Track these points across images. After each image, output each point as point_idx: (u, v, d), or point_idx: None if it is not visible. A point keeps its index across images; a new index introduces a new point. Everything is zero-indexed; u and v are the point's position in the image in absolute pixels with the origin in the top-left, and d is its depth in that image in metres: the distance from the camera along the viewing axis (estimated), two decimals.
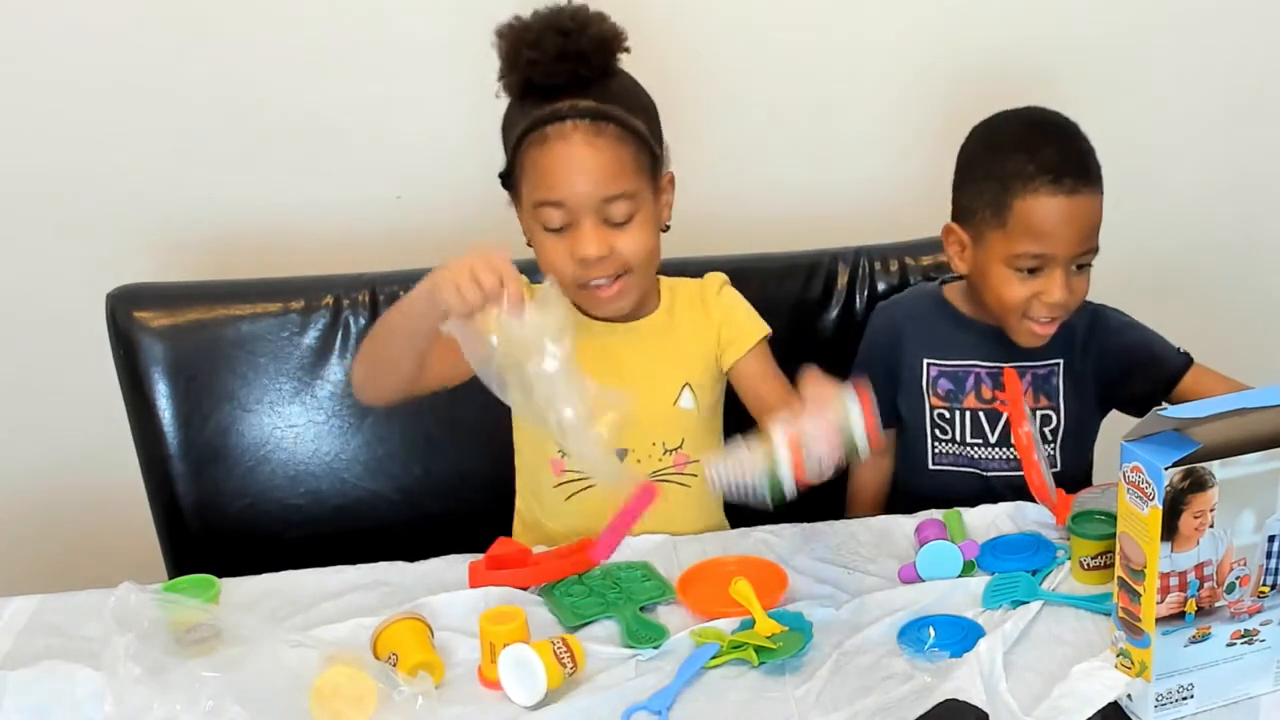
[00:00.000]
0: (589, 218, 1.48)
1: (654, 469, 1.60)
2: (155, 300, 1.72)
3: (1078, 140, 1.60)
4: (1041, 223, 1.54)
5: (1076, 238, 1.55)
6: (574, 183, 1.46)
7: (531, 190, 1.49)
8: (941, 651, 1.25)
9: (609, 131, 1.47)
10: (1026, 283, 1.58)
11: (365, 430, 1.75)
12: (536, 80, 1.45)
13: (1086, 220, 1.56)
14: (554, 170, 1.46)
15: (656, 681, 1.23)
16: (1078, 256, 1.57)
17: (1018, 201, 1.55)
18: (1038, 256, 1.56)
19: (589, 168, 1.46)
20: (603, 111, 1.47)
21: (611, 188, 1.47)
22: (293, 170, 2.05)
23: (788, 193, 2.16)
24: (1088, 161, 1.58)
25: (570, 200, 1.47)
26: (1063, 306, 1.58)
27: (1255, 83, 2.24)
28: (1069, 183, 1.54)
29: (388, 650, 1.26)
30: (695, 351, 1.63)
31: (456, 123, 2.03)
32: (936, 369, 1.69)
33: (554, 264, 1.50)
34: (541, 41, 1.44)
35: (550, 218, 1.48)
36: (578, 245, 1.48)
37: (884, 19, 2.11)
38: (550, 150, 1.46)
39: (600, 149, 1.46)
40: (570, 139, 1.45)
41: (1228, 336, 2.37)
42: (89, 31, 1.95)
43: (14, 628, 1.37)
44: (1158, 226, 2.29)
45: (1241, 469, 1.10)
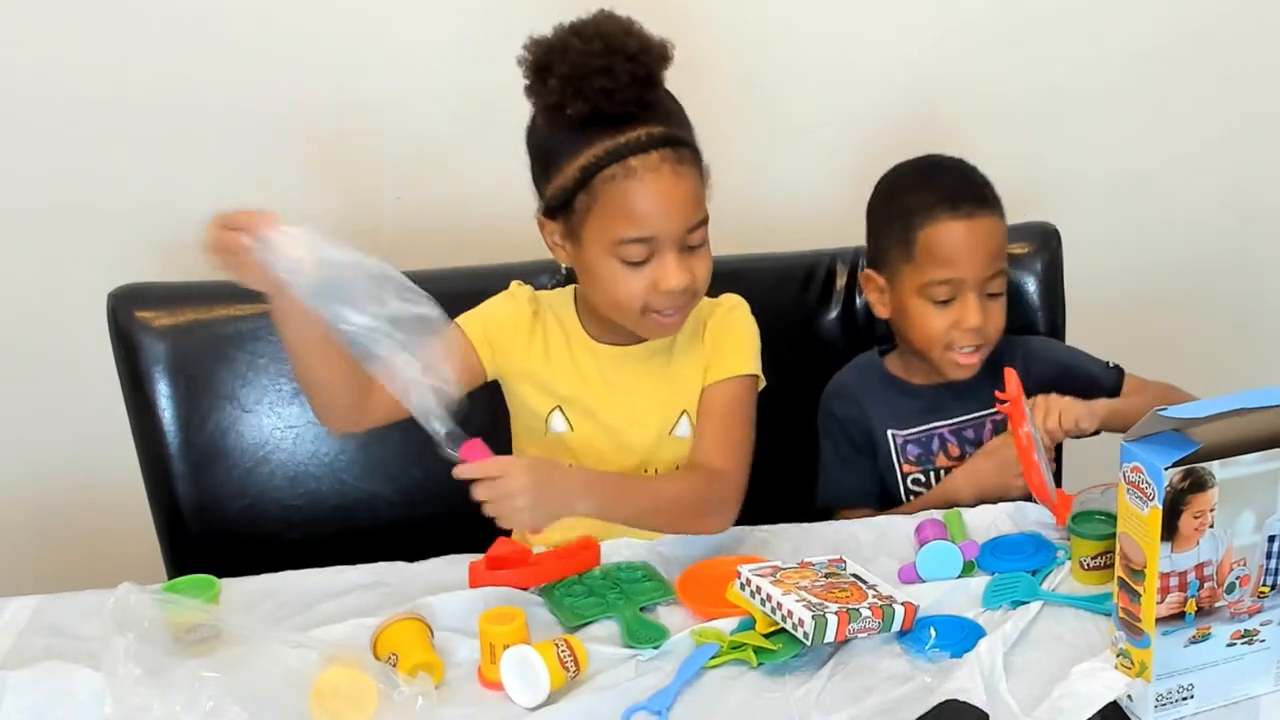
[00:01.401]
0: (673, 248, 1.44)
1: None
2: (155, 300, 1.72)
3: (972, 174, 1.66)
4: (945, 248, 1.59)
5: (982, 260, 1.60)
6: (666, 216, 1.41)
7: (611, 226, 1.42)
8: (942, 652, 1.26)
9: (687, 157, 1.43)
10: (943, 313, 1.62)
11: (365, 431, 1.75)
12: (609, 110, 1.38)
13: (989, 241, 1.61)
14: (646, 204, 1.40)
15: (656, 681, 1.23)
16: (987, 280, 1.61)
17: (920, 233, 1.60)
18: (947, 283, 1.60)
19: (680, 199, 1.42)
20: (677, 137, 1.43)
21: (695, 215, 1.44)
22: (293, 170, 2.05)
23: (788, 193, 2.16)
24: (983, 190, 1.64)
25: (661, 235, 1.42)
26: (980, 332, 1.62)
27: (1255, 97, 2.24)
28: (966, 207, 1.60)
29: (388, 650, 1.26)
30: (693, 378, 1.59)
31: (457, 123, 2.03)
32: (902, 438, 1.70)
33: (625, 295, 1.46)
34: (613, 69, 1.36)
35: (633, 253, 1.43)
36: (665, 278, 1.43)
37: (884, 19, 2.11)
38: (641, 183, 1.40)
39: (685, 177, 1.42)
40: (659, 171, 1.40)
41: (1227, 344, 2.38)
42: (89, 32, 1.95)
43: (14, 628, 1.37)
44: (1158, 237, 2.30)
45: (1241, 469, 1.10)
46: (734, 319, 1.61)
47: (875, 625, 1.26)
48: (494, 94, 1.45)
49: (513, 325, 1.58)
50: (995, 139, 2.17)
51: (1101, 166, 2.24)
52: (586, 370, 1.57)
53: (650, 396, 1.58)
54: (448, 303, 1.73)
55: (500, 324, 1.58)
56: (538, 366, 1.57)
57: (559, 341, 1.58)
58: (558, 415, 1.57)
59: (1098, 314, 2.09)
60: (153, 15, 1.95)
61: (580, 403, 1.57)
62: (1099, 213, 2.24)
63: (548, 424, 1.58)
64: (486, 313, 1.59)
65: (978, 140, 2.16)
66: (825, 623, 1.23)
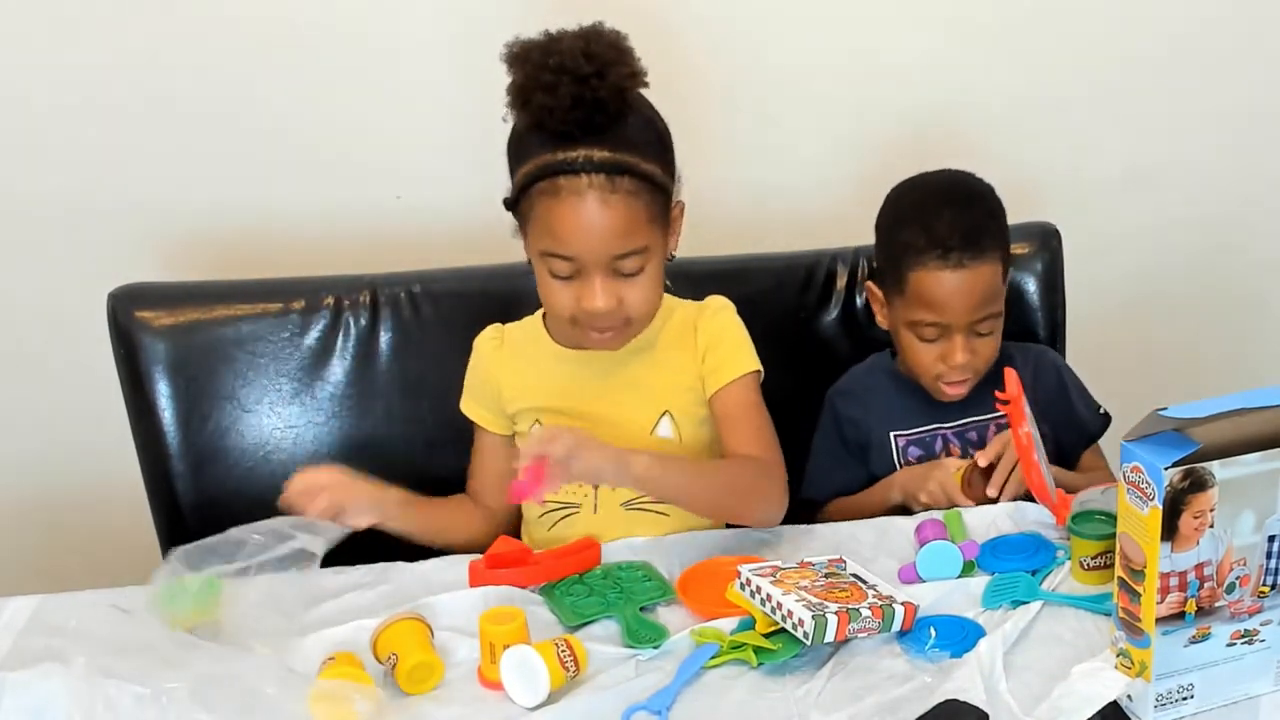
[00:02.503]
0: (599, 271, 1.44)
1: (627, 498, 1.56)
2: (156, 300, 1.72)
3: (974, 209, 1.63)
4: (933, 294, 1.59)
5: (969, 308, 1.59)
6: (585, 240, 1.42)
7: (539, 238, 1.44)
8: (942, 652, 1.26)
9: (623, 186, 1.41)
10: (930, 348, 1.63)
11: (365, 431, 1.75)
12: (549, 126, 1.39)
13: (979, 291, 1.59)
14: (564, 225, 1.41)
15: (656, 681, 1.23)
16: (975, 324, 1.61)
17: (911, 274, 1.61)
18: (934, 325, 1.61)
19: (602, 227, 1.41)
20: (618, 164, 1.40)
21: (624, 245, 1.43)
22: (293, 170, 2.05)
23: (788, 193, 2.16)
24: (981, 233, 1.60)
25: (581, 256, 1.43)
26: (966, 369, 1.62)
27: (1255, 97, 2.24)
28: (956, 256, 1.58)
29: (388, 650, 1.26)
30: (680, 379, 1.59)
31: (457, 123, 2.03)
32: (904, 439, 1.71)
33: (556, 304, 1.49)
34: (557, 88, 1.37)
35: (558, 268, 1.45)
36: (585, 298, 1.45)
37: (885, 18, 2.11)
38: (562, 204, 1.40)
39: (613, 206, 1.41)
40: (584, 196, 1.40)
41: (1227, 344, 2.38)
42: (89, 32, 1.95)
43: (14, 628, 1.37)
44: (1158, 237, 2.30)
45: (1241, 469, 1.10)
46: (725, 320, 1.62)
47: (875, 625, 1.26)
48: (494, 94, 1.45)
49: (485, 376, 1.62)
50: (995, 139, 2.18)
51: (1102, 166, 2.24)
52: (559, 378, 1.58)
53: (629, 396, 1.58)
54: (448, 302, 1.76)
55: (479, 386, 1.63)
56: (516, 393, 1.60)
57: (525, 359, 1.61)
58: (537, 428, 1.58)
59: (1098, 314, 2.09)
60: (153, 16, 1.95)
61: (556, 409, 1.58)
62: (1099, 213, 2.24)
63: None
64: (470, 389, 1.63)
65: (978, 139, 2.17)
66: (825, 623, 1.23)
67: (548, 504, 1.59)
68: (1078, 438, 1.73)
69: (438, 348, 1.65)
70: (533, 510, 1.62)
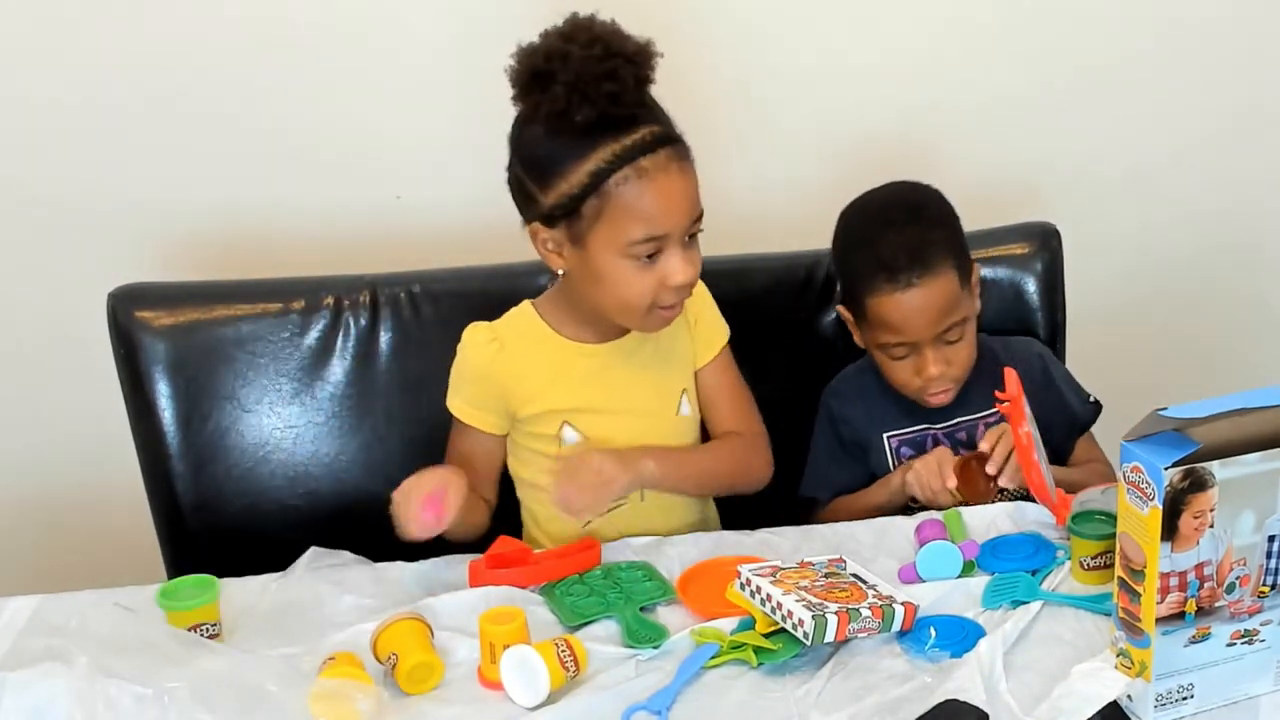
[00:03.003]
0: (679, 243, 1.45)
1: None
2: (155, 300, 1.72)
3: (917, 224, 1.62)
4: (890, 317, 1.60)
5: (929, 323, 1.60)
6: (678, 213, 1.43)
7: (625, 228, 1.41)
8: (942, 652, 1.26)
9: (686, 153, 1.45)
10: (903, 365, 1.63)
11: (365, 431, 1.75)
12: (614, 114, 1.38)
13: (936, 306, 1.59)
14: (660, 203, 1.41)
15: (656, 681, 1.23)
16: (942, 334, 1.61)
17: (867, 299, 1.62)
18: (900, 345, 1.61)
19: (688, 195, 1.44)
20: (676, 134, 1.44)
21: (698, 207, 1.46)
22: (293, 170, 2.05)
23: (788, 193, 2.16)
24: (925, 249, 1.59)
25: (672, 230, 1.43)
26: (943, 379, 1.63)
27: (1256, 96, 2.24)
28: (905, 277, 1.58)
29: (388, 650, 1.26)
30: (684, 357, 1.63)
31: (457, 123, 2.03)
32: (897, 439, 1.71)
33: (635, 295, 1.46)
34: (618, 71, 1.37)
35: (645, 251, 1.44)
36: (673, 273, 1.45)
37: (882, 17, 2.10)
38: (654, 183, 1.40)
39: (688, 173, 1.45)
40: (669, 170, 1.41)
41: (1228, 344, 2.38)
42: (89, 33, 1.95)
43: (14, 628, 1.37)
44: (1158, 237, 2.30)
45: (1241, 469, 1.10)
46: (700, 289, 1.62)
47: (875, 625, 1.26)
48: (495, 94, 1.45)
49: (494, 381, 1.58)
50: (995, 138, 2.18)
51: (1102, 166, 2.24)
52: (580, 375, 1.58)
53: (650, 383, 1.59)
54: (448, 302, 1.76)
55: (479, 388, 1.59)
56: (533, 395, 1.57)
57: (540, 361, 1.58)
58: (568, 429, 1.58)
59: (1098, 314, 2.09)
60: (153, 16, 1.95)
61: (585, 408, 1.57)
62: (1099, 212, 2.24)
63: (560, 440, 1.58)
64: (465, 388, 1.59)
65: (978, 139, 2.17)
66: (825, 623, 1.23)
67: None
68: (1068, 427, 1.72)
69: (438, 348, 1.64)
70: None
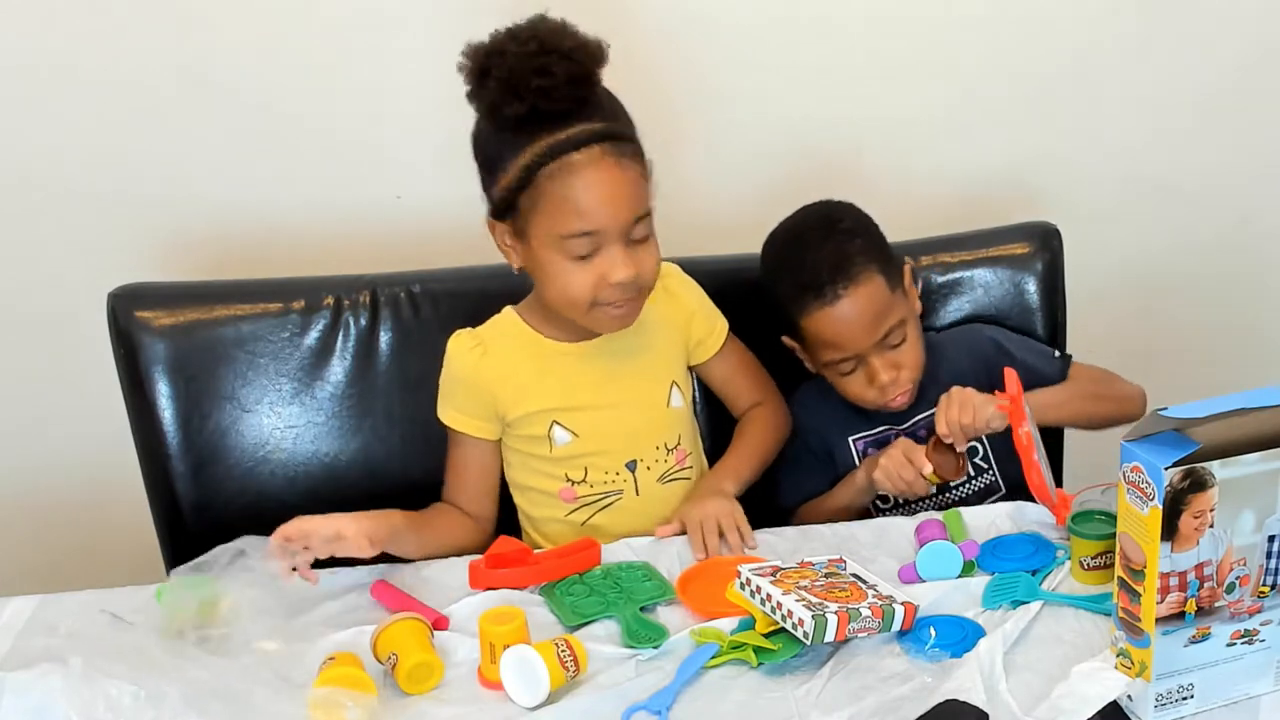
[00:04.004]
0: (618, 241, 1.45)
1: (661, 471, 1.62)
2: (156, 300, 1.72)
3: (831, 238, 1.62)
4: (826, 334, 1.60)
5: (867, 329, 1.60)
6: (610, 209, 1.43)
7: (554, 222, 1.43)
8: (942, 652, 1.26)
9: (628, 151, 1.44)
10: (854, 379, 1.64)
11: (365, 431, 1.75)
12: (546, 108, 1.40)
13: (868, 312, 1.59)
14: (588, 197, 1.42)
15: (656, 681, 1.23)
16: (883, 340, 1.61)
17: (801, 321, 1.62)
18: (847, 359, 1.62)
19: (622, 192, 1.43)
20: (617, 132, 1.44)
21: (640, 208, 1.46)
22: (293, 170, 2.05)
23: (787, 193, 2.16)
24: (844, 258, 1.59)
25: (605, 227, 1.43)
26: (895, 383, 1.62)
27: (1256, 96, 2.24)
28: (830, 291, 1.58)
29: (388, 650, 1.26)
30: (672, 350, 1.65)
31: (456, 123, 2.01)
32: (863, 441, 1.71)
33: (575, 290, 1.47)
34: (550, 67, 1.38)
35: (578, 247, 1.44)
36: (612, 270, 1.45)
37: (880, 15, 2.10)
38: (582, 177, 1.41)
39: (626, 170, 1.44)
40: (600, 164, 1.41)
41: (1228, 344, 2.38)
42: (89, 32, 1.94)
43: (13, 628, 1.37)
44: (1158, 237, 2.30)
45: (1241, 469, 1.10)
46: (689, 284, 1.68)
47: (875, 625, 1.26)
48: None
49: (475, 385, 1.59)
50: (995, 138, 2.18)
51: (1102, 166, 2.24)
52: (564, 373, 1.58)
53: (638, 377, 1.61)
54: (448, 302, 1.76)
55: (466, 394, 1.60)
56: (520, 397, 1.58)
57: (524, 363, 1.59)
58: (557, 429, 1.58)
59: (1098, 314, 2.09)
60: (154, 15, 1.95)
61: (573, 406, 1.58)
62: (1099, 212, 2.24)
63: (551, 441, 1.59)
64: (453, 397, 1.61)
65: (978, 139, 2.17)
66: (825, 622, 1.23)
67: (581, 499, 1.60)
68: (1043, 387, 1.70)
69: (438, 348, 1.64)
70: (558, 509, 1.61)
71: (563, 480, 1.60)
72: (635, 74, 1.51)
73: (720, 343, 1.69)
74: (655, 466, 1.61)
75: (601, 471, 1.59)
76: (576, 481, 1.59)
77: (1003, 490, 1.68)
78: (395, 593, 1.41)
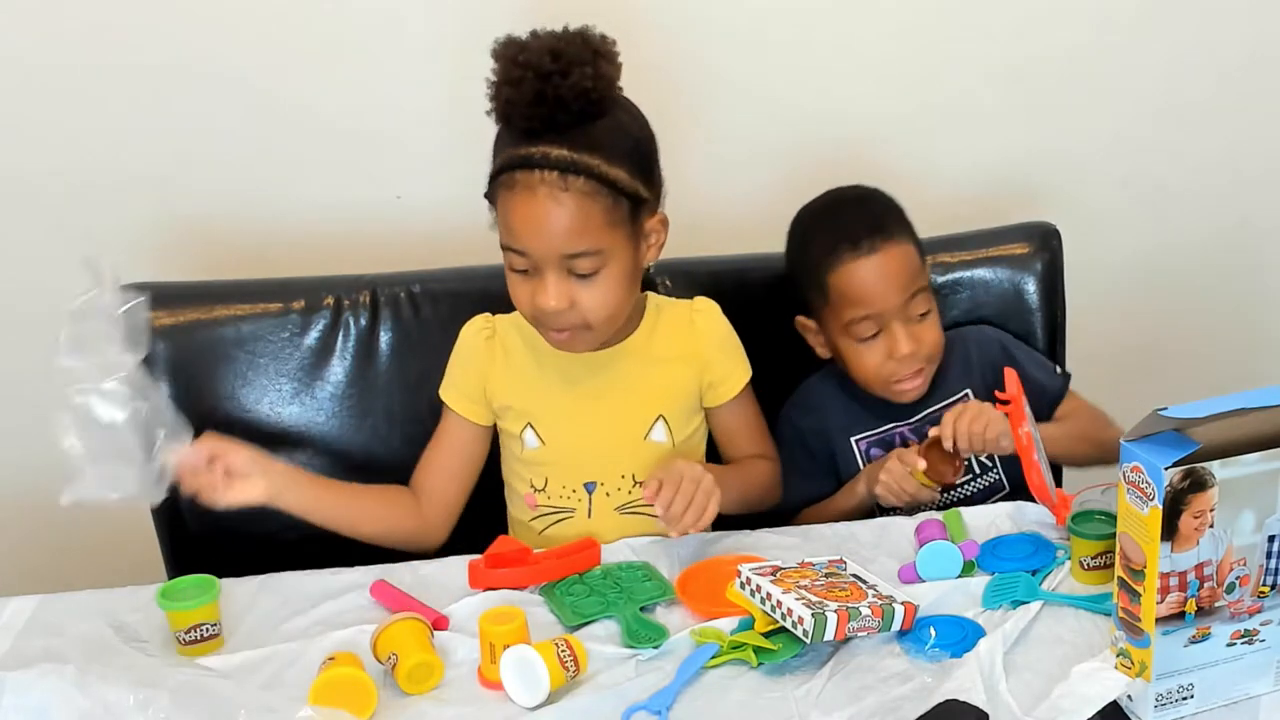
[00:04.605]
0: (552, 269, 1.44)
1: (622, 501, 1.58)
2: (156, 300, 1.70)
3: (871, 203, 1.66)
4: (855, 287, 1.61)
5: (895, 289, 1.60)
6: (535, 236, 1.42)
7: (501, 231, 1.47)
8: (942, 652, 1.26)
9: (577, 186, 1.40)
10: (873, 347, 1.63)
11: (365, 431, 1.75)
12: (514, 122, 1.42)
13: (897, 271, 1.61)
14: (516, 219, 1.43)
15: (656, 681, 1.23)
16: (906, 306, 1.61)
17: (830, 277, 1.62)
18: (869, 318, 1.61)
19: (551, 224, 1.41)
20: (575, 163, 1.40)
21: (574, 245, 1.42)
22: (293, 170, 2.05)
23: (787, 193, 2.16)
24: (884, 219, 1.63)
25: (532, 252, 1.44)
26: (914, 357, 1.62)
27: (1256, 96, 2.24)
28: (867, 243, 1.60)
29: (388, 650, 1.26)
30: (675, 384, 1.60)
31: (456, 123, 2.02)
32: (866, 441, 1.71)
33: (517, 300, 1.50)
34: (521, 82, 1.38)
35: (515, 262, 1.46)
36: (537, 295, 1.45)
37: (881, 12, 2.10)
38: (515, 198, 1.42)
39: (564, 204, 1.41)
40: (535, 191, 1.40)
41: (1227, 344, 2.38)
42: (90, 32, 1.94)
43: (13, 628, 1.37)
44: (1158, 237, 2.30)
45: (1241, 469, 1.10)
46: (722, 328, 1.64)
47: (875, 624, 1.26)
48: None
49: (472, 364, 1.61)
50: (995, 138, 2.18)
51: (1102, 166, 2.24)
52: (552, 381, 1.58)
53: (624, 399, 1.58)
54: (448, 302, 1.76)
55: (464, 372, 1.61)
56: (504, 388, 1.59)
57: (522, 358, 1.59)
58: (529, 432, 1.58)
59: (1098, 314, 2.09)
60: (152, 17, 1.95)
61: (549, 415, 1.58)
62: (1099, 212, 2.24)
63: (522, 442, 1.59)
64: (452, 372, 1.62)
65: (978, 138, 2.17)
66: (825, 620, 1.23)
67: (540, 507, 1.60)
68: (1041, 403, 1.69)
69: (438, 348, 1.64)
70: (524, 512, 1.62)
71: (529, 485, 1.60)
72: (638, 74, 1.50)
73: (736, 390, 1.63)
74: (615, 495, 1.57)
75: (560, 485, 1.58)
76: (538, 489, 1.59)
77: (1006, 489, 1.68)
78: (395, 593, 1.41)
